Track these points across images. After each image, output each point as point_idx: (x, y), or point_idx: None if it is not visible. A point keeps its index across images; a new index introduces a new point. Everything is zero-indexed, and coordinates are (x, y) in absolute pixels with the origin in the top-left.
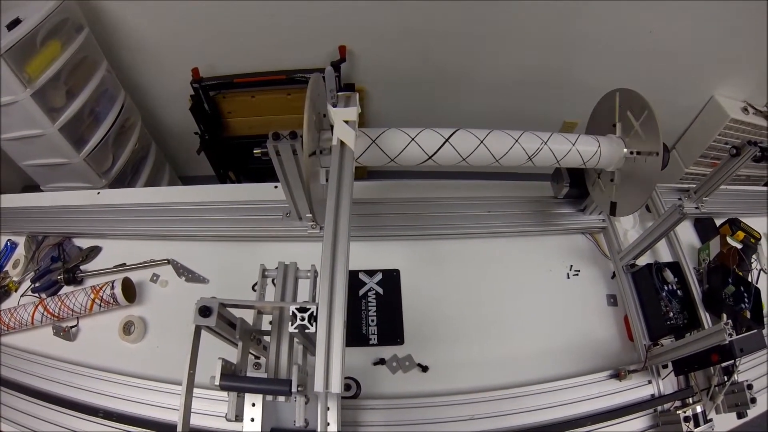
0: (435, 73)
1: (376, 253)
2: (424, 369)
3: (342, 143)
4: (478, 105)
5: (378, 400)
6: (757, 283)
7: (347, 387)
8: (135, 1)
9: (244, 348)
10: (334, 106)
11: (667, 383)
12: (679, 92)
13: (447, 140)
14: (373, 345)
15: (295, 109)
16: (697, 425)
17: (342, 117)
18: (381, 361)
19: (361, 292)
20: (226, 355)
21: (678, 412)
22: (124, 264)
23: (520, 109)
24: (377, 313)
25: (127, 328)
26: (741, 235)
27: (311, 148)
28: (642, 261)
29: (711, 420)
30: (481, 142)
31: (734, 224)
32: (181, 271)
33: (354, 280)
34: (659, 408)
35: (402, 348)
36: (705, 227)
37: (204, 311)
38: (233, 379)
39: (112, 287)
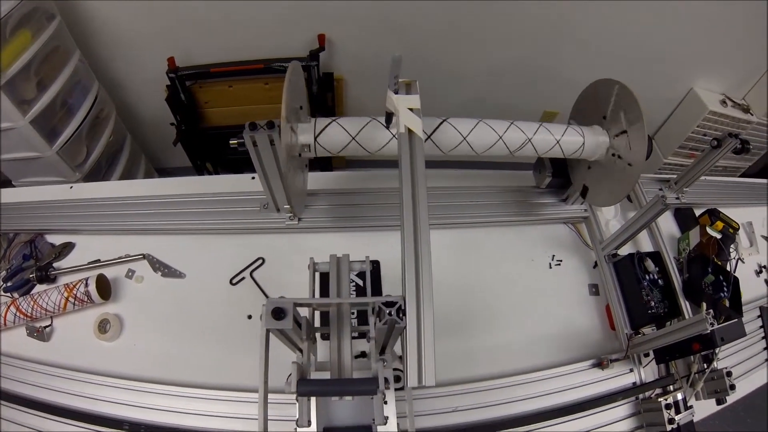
0: (414, 62)
1: (357, 244)
2: None
3: (410, 131)
4: (459, 94)
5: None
6: (735, 272)
7: (397, 378)
8: None
9: (309, 348)
10: (396, 93)
11: (648, 371)
12: (659, 84)
13: (429, 137)
14: (354, 338)
15: (273, 98)
16: (677, 412)
17: (406, 104)
18: (362, 354)
19: None
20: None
21: (659, 399)
22: (99, 260)
23: (501, 99)
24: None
25: (103, 327)
26: (720, 225)
27: (290, 139)
28: (624, 251)
29: (691, 407)
30: (464, 138)
31: (713, 214)
32: (157, 266)
33: None
34: (640, 396)
35: None
36: (685, 217)
37: (277, 313)
38: (312, 384)
39: (86, 285)
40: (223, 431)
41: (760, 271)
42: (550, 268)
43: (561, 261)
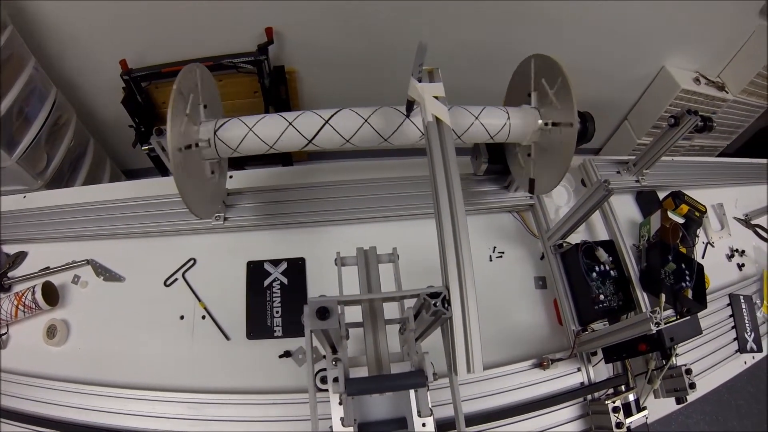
0: (369, 49)
1: (283, 241)
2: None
3: (438, 120)
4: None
5: (284, 394)
6: (703, 257)
7: None
8: None
9: (344, 346)
10: (419, 81)
11: (602, 369)
12: (629, 63)
13: (327, 122)
14: (278, 337)
15: (228, 95)
16: (628, 415)
17: (431, 93)
18: (287, 354)
19: (266, 282)
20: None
21: (606, 402)
22: (48, 267)
23: (463, 83)
24: (282, 303)
25: (51, 332)
26: (685, 208)
27: (184, 142)
28: (580, 238)
29: (645, 408)
30: (365, 120)
31: (677, 197)
32: (100, 270)
33: (259, 270)
34: (589, 397)
35: None
36: (647, 201)
37: (323, 313)
38: (361, 382)
39: (33, 292)
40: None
41: (732, 255)
42: (491, 260)
43: (503, 253)
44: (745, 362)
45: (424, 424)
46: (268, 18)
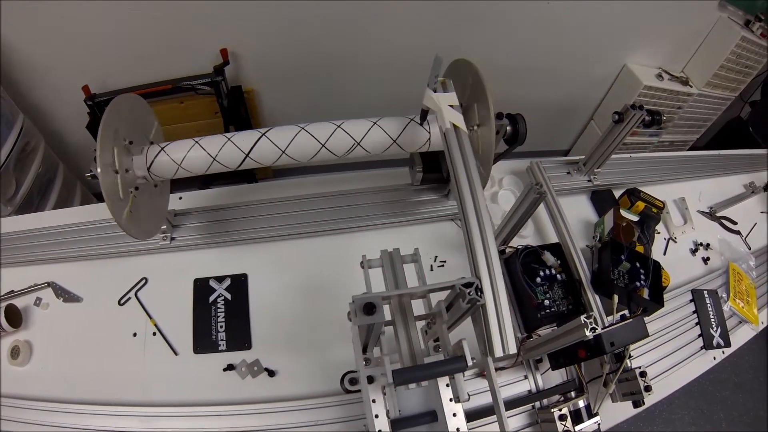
0: (324, 62)
1: (228, 259)
2: (271, 373)
3: (455, 126)
4: (373, 90)
5: (229, 406)
6: (665, 254)
7: None
8: (22, 25)
9: (382, 342)
10: (435, 91)
11: (556, 376)
12: (590, 63)
13: (247, 155)
14: (222, 351)
15: (190, 116)
16: (578, 422)
17: (446, 102)
18: (230, 367)
19: (211, 298)
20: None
21: (552, 410)
22: (12, 291)
23: (419, 91)
24: (225, 318)
25: (15, 353)
26: (641, 205)
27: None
28: (529, 242)
29: (597, 414)
30: (283, 152)
31: (633, 195)
32: (59, 292)
33: (205, 287)
34: (537, 404)
35: (250, 353)
36: (602, 200)
37: (369, 309)
38: (408, 372)
39: None
40: None
41: (696, 249)
42: (432, 270)
43: (444, 262)
44: (714, 358)
45: (454, 414)
46: (222, 39)
